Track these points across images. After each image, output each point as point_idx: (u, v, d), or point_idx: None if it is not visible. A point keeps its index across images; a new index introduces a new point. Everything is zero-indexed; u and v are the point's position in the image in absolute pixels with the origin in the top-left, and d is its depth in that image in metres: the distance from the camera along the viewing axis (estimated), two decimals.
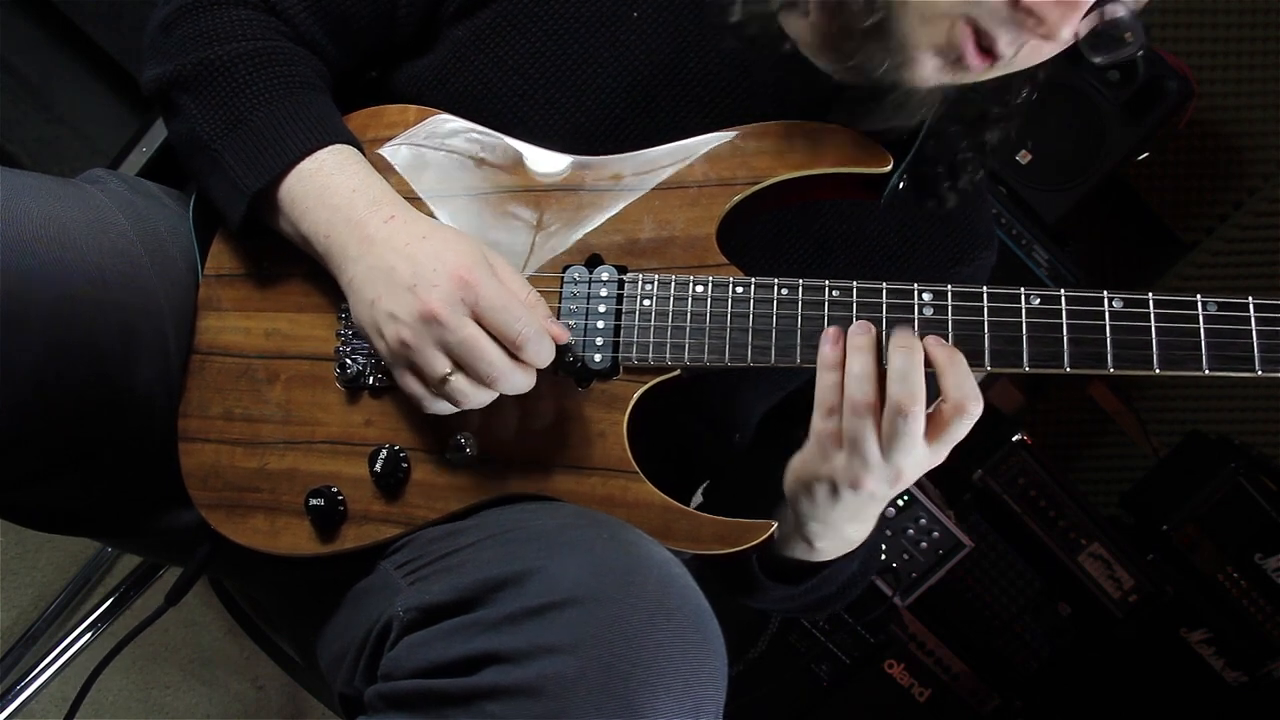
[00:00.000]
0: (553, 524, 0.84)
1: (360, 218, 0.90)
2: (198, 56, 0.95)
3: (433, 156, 0.99)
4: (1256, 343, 0.81)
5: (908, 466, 0.85)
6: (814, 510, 0.90)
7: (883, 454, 0.84)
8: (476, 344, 0.84)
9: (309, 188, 0.92)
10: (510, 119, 0.99)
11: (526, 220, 0.97)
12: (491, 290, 0.84)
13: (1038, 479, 2.06)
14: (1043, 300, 0.85)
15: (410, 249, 0.87)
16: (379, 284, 0.87)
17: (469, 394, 0.86)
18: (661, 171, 0.96)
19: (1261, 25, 2.40)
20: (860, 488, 0.85)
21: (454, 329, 0.84)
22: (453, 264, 0.85)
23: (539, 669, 0.71)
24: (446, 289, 0.84)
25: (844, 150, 0.94)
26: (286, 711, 1.90)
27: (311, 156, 0.93)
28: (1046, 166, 2.05)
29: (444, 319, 0.83)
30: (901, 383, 0.82)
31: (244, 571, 1.13)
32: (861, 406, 0.83)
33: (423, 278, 0.85)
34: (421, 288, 0.84)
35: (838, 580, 1.03)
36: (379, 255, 0.88)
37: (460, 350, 0.84)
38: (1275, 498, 2.08)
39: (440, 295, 0.84)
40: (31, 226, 0.87)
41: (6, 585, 1.71)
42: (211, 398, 0.98)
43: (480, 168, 0.98)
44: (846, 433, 0.84)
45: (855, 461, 0.84)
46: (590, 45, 1.00)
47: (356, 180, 0.93)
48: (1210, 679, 2.12)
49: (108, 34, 1.82)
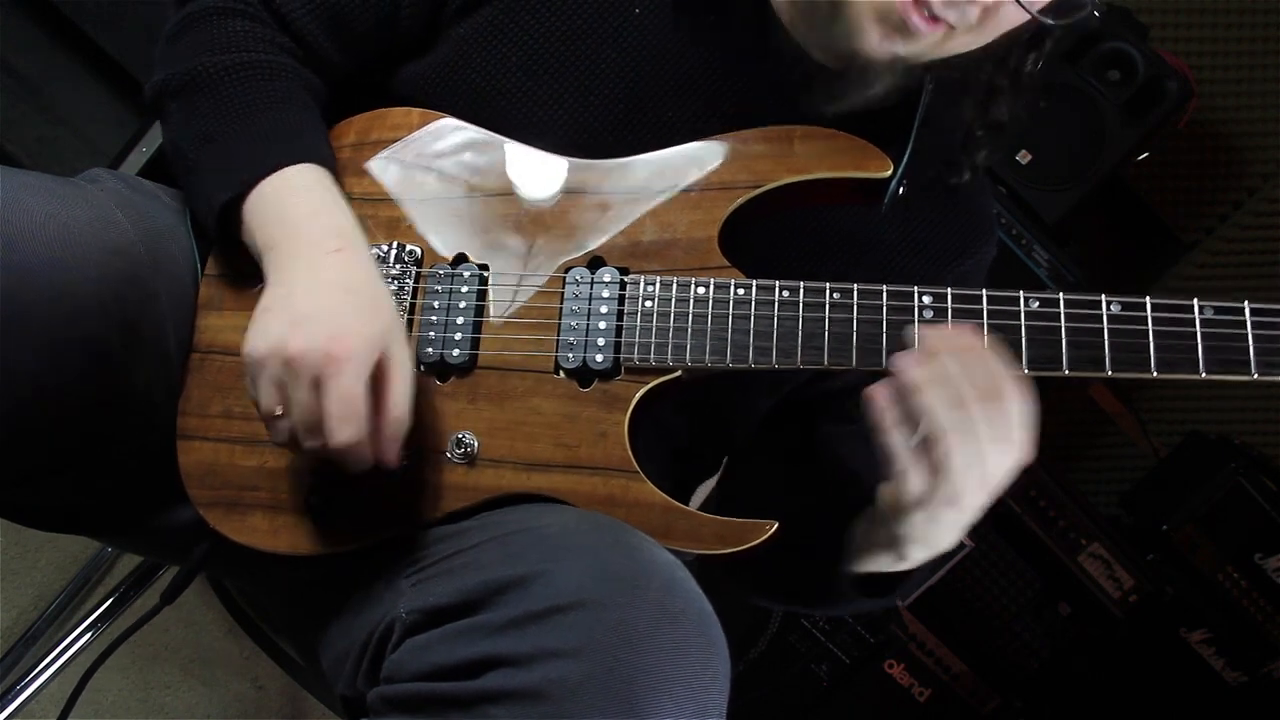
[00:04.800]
0: (556, 526, 0.84)
1: (311, 237, 0.90)
2: (189, 65, 0.97)
3: (436, 159, 0.99)
4: (1253, 346, 0.82)
5: (994, 466, 0.81)
6: (912, 535, 0.86)
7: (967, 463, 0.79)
8: (301, 408, 0.83)
9: (269, 205, 0.92)
10: (514, 117, 0.99)
11: (529, 222, 0.97)
12: (345, 386, 0.82)
13: (1038, 479, 2.06)
14: (1041, 303, 0.85)
15: (325, 292, 0.86)
16: (277, 299, 0.87)
17: (284, 439, 0.86)
18: (664, 175, 0.96)
19: (1261, 25, 2.40)
20: (958, 506, 0.81)
21: (293, 384, 0.83)
22: (339, 334, 0.83)
23: (543, 673, 0.71)
24: (314, 348, 0.82)
25: (844, 155, 0.94)
26: (286, 711, 1.90)
27: (280, 172, 0.92)
28: (1046, 166, 2.05)
29: (294, 367, 0.83)
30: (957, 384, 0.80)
31: (243, 570, 1.13)
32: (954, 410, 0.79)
33: (309, 319, 0.84)
34: (299, 329, 0.83)
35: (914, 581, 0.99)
36: (295, 275, 0.88)
37: (288, 403, 0.84)
38: (1275, 498, 2.08)
39: (304, 347, 0.82)
40: (31, 225, 0.87)
41: (6, 585, 1.71)
42: (211, 396, 0.98)
43: (483, 170, 0.98)
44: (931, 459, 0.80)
45: (944, 483, 0.80)
46: (593, 42, 1.00)
47: (317, 203, 0.93)
48: (1210, 679, 2.12)
49: (108, 34, 1.82)
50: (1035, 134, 2.04)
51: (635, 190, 0.96)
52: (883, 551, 0.91)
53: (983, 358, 0.81)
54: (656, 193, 0.95)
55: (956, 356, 0.81)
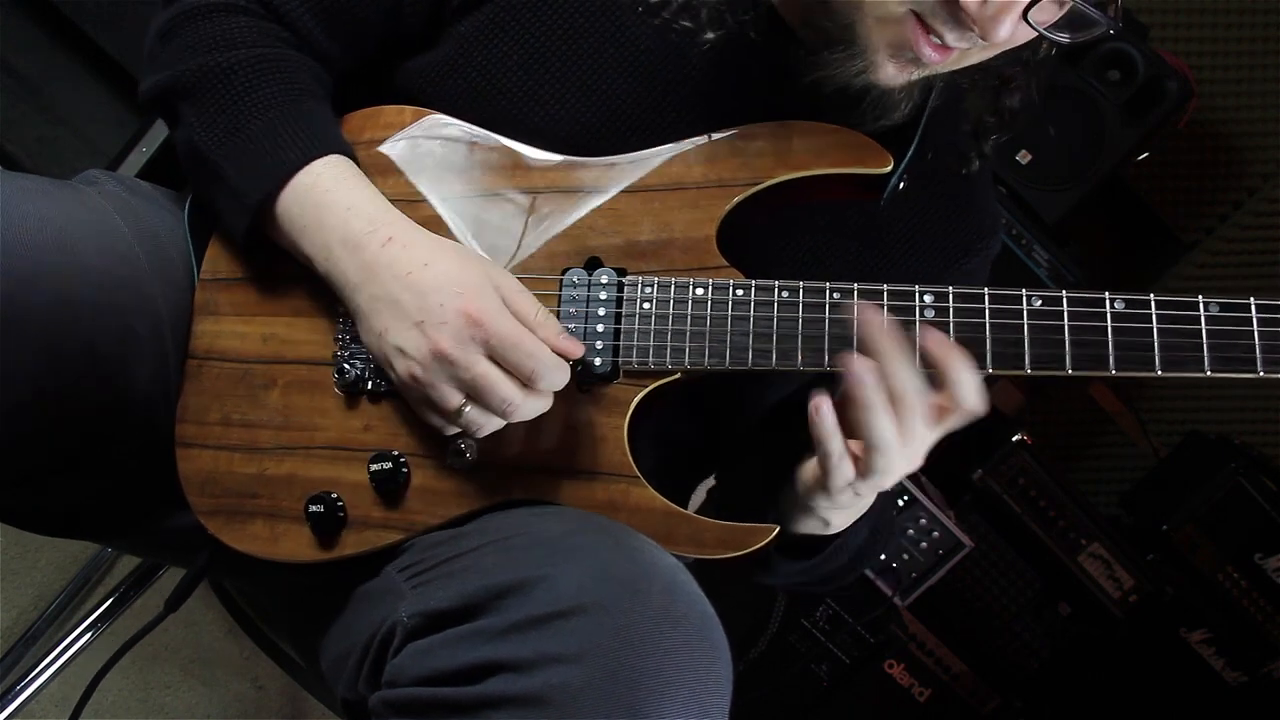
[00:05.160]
0: (557, 530, 0.84)
1: (357, 240, 0.90)
2: (197, 63, 0.95)
3: (429, 158, 0.98)
4: (1258, 344, 0.81)
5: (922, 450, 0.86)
6: (834, 507, 0.93)
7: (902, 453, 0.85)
8: (488, 381, 0.84)
9: (305, 204, 0.92)
10: (514, 115, 0.98)
11: (523, 222, 0.96)
12: (501, 327, 0.84)
13: (1038, 479, 2.06)
14: (1044, 302, 0.84)
15: (413, 279, 0.87)
16: (385, 315, 0.87)
17: (484, 424, 0.87)
18: (660, 172, 0.95)
19: (1261, 25, 2.40)
20: (885, 488, 0.88)
21: (465, 367, 0.84)
22: (459, 299, 0.85)
23: (545, 678, 0.71)
24: (455, 326, 0.84)
25: (844, 150, 0.93)
26: (286, 711, 1.90)
27: (307, 169, 0.92)
28: (1046, 166, 2.05)
29: (455, 358, 0.84)
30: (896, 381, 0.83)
31: (244, 572, 1.13)
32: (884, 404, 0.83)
33: (430, 314, 0.85)
34: (429, 325, 0.85)
35: (850, 549, 1.03)
36: (381, 284, 0.88)
37: (473, 387, 0.85)
38: (1275, 498, 2.08)
39: (449, 333, 0.84)
40: (29, 229, 0.87)
41: (6, 585, 1.71)
42: (209, 403, 0.98)
43: (477, 168, 0.98)
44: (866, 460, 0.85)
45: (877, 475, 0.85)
46: (595, 40, 0.99)
47: (352, 197, 0.92)
48: (1210, 679, 2.12)
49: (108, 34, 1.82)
50: (1035, 134, 2.04)
51: (632, 188, 0.95)
52: (807, 517, 0.96)
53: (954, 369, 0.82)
54: (653, 191, 0.95)
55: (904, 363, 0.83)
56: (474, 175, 0.98)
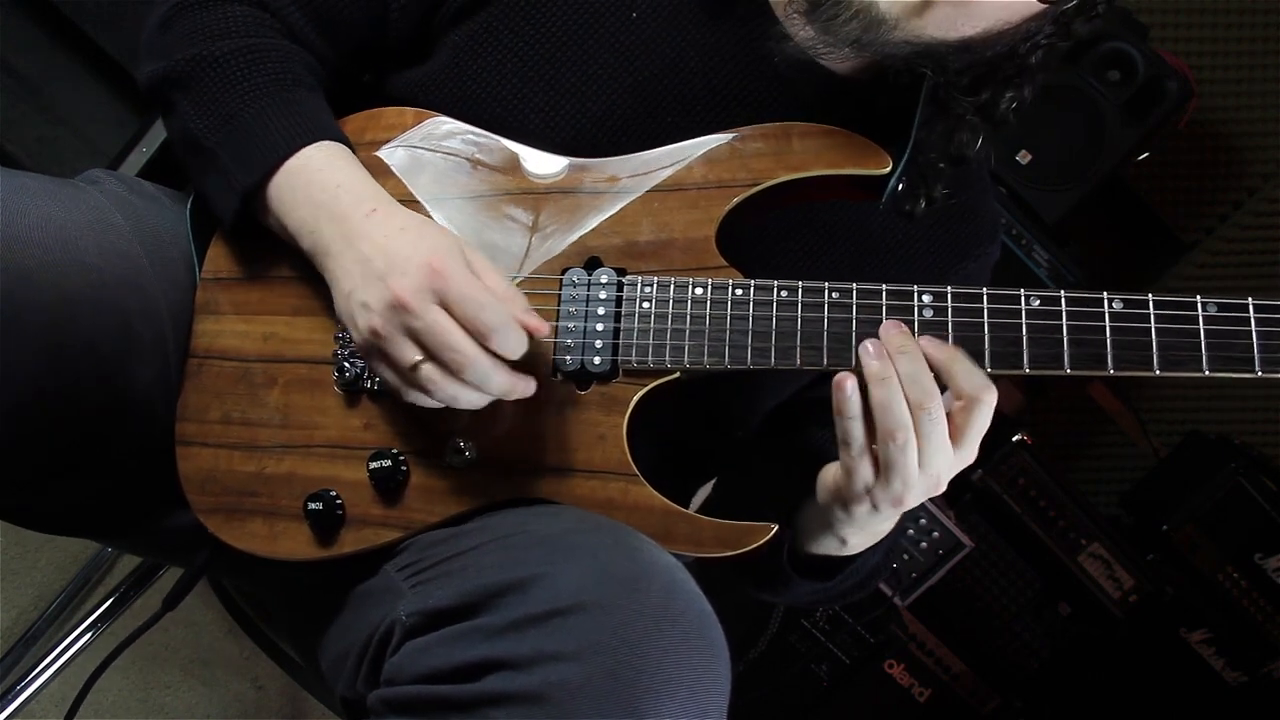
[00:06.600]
0: (556, 528, 0.84)
1: (343, 212, 0.90)
2: (191, 53, 0.96)
3: (430, 159, 0.99)
4: (1256, 344, 0.81)
5: (944, 470, 0.84)
6: (852, 522, 0.91)
7: (920, 466, 0.83)
8: (441, 329, 0.83)
9: (295, 184, 0.93)
10: (510, 123, 0.99)
11: (524, 223, 0.96)
12: (460, 279, 0.84)
13: (1038, 479, 2.06)
14: (1043, 301, 0.85)
15: (387, 241, 0.88)
16: (355, 276, 0.88)
17: (439, 382, 0.85)
18: (660, 173, 0.95)
19: (1261, 25, 2.40)
20: (902, 505, 0.86)
21: (419, 314, 0.83)
22: (425, 253, 0.85)
23: (543, 676, 0.71)
24: (416, 277, 0.84)
25: (843, 151, 0.94)
26: (286, 711, 1.90)
27: (299, 153, 0.93)
28: (1046, 166, 2.06)
29: (411, 306, 0.83)
30: (913, 385, 0.82)
31: (243, 571, 1.13)
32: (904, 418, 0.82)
33: (394, 266, 0.85)
34: (392, 276, 0.85)
35: (864, 569, 1.03)
36: (357, 249, 0.89)
37: (427, 338, 0.84)
38: (1275, 498, 2.08)
39: (409, 283, 0.84)
40: (30, 227, 0.87)
41: (6, 585, 1.71)
42: (209, 402, 0.98)
43: (477, 170, 0.98)
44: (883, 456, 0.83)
45: (896, 480, 0.84)
46: (590, 48, 0.99)
47: (342, 176, 0.93)
48: (1210, 679, 2.12)
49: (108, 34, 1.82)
50: (1035, 134, 2.04)
51: (631, 189, 0.95)
52: (825, 536, 0.95)
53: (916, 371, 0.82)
54: (652, 191, 0.95)
55: (918, 357, 0.82)
56: (475, 178, 0.98)
